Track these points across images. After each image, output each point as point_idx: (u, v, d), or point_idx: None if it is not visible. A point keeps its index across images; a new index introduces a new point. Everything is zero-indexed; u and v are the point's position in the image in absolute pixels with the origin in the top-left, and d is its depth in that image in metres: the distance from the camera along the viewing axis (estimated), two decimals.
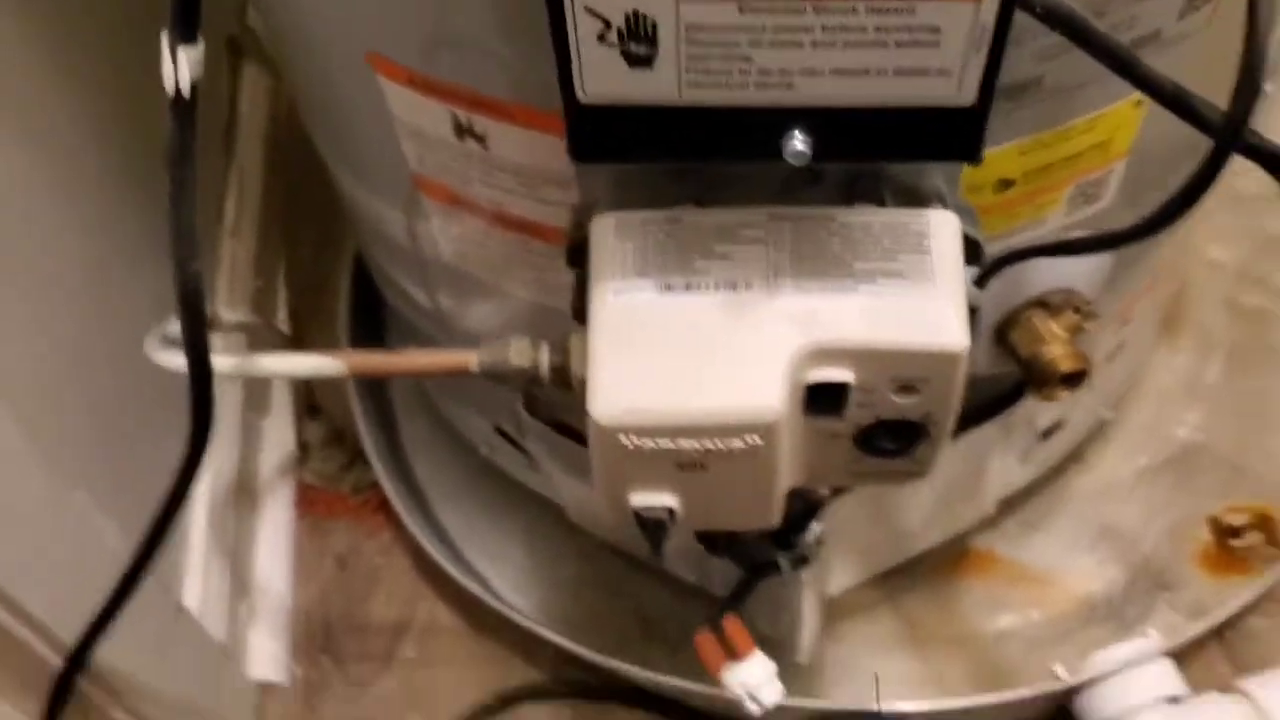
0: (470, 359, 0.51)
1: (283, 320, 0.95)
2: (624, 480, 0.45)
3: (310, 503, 0.88)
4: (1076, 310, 0.58)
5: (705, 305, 0.43)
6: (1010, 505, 0.82)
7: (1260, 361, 0.89)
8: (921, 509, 0.74)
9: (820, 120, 0.36)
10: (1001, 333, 0.59)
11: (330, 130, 0.64)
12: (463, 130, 0.51)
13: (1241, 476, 0.84)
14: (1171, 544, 0.82)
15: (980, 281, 0.53)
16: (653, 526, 0.47)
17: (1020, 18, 0.35)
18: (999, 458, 0.72)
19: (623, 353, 0.43)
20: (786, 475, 0.47)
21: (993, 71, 0.35)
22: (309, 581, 0.85)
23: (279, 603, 0.83)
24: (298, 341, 0.93)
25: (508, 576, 0.83)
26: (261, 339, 0.86)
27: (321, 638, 0.82)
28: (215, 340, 0.82)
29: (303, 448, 0.88)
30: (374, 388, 0.90)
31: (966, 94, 0.35)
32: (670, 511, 0.46)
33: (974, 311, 0.55)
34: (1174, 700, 0.71)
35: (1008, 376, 0.61)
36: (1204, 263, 0.93)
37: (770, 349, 0.43)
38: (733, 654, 0.56)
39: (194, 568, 0.75)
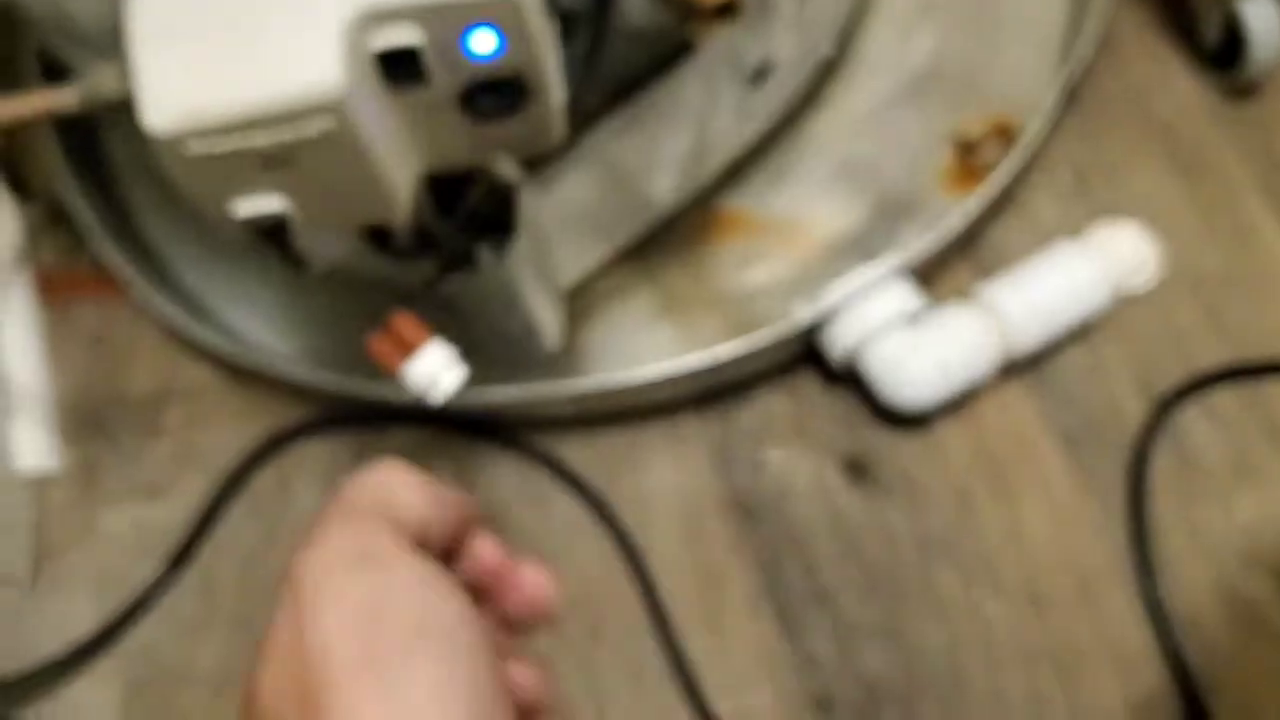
0: (69, 95, 0.48)
1: None
2: (216, 192, 0.43)
3: (51, 286, 0.84)
4: None
5: None
6: (752, 160, 0.81)
7: None
8: (650, 175, 0.73)
9: None
10: None
11: None
12: None
13: (977, 91, 0.83)
14: (913, 170, 0.81)
15: None
16: (270, 235, 0.45)
17: None
18: (712, 108, 0.70)
19: (165, 54, 0.40)
20: (394, 157, 0.45)
21: None
22: (65, 365, 0.82)
23: (37, 391, 0.81)
24: None
25: (262, 323, 0.81)
26: None
27: (88, 418, 0.81)
28: None
29: (31, 233, 0.84)
30: (87, 156, 0.85)
31: None
32: (281, 216, 0.44)
33: None
34: (914, 318, 0.72)
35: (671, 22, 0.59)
36: None
37: (322, 17, 0.40)
38: (408, 350, 0.55)
39: None
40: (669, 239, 0.80)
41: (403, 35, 0.40)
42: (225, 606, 0.75)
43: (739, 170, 0.80)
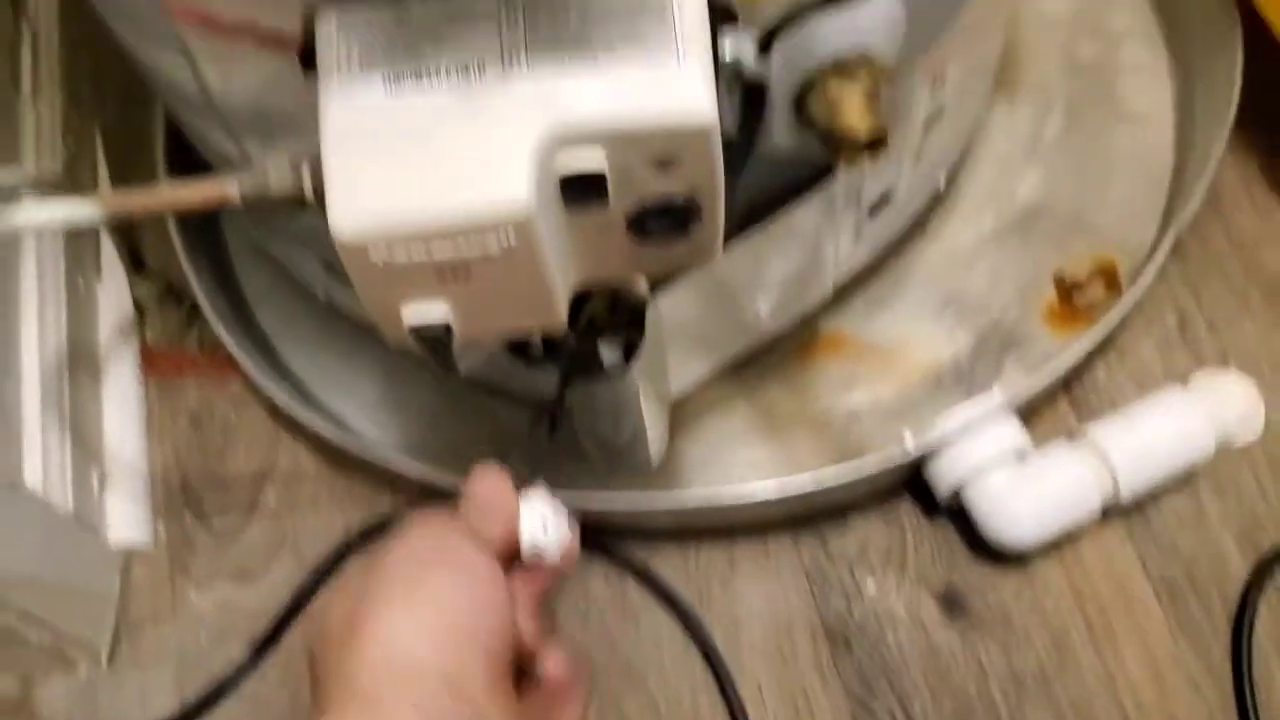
0: (230, 188, 0.49)
1: (103, 185, 0.91)
2: (389, 298, 0.44)
3: (156, 363, 0.85)
4: (872, 71, 0.56)
5: (438, 96, 0.41)
6: (857, 284, 0.82)
7: (1098, 112, 0.88)
8: (758, 297, 0.73)
9: None
10: (799, 104, 0.58)
11: None
12: None
13: (1082, 230, 0.84)
14: (1017, 304, 0.82)
15: (763, 49, 0.51)
16: (433, 342, 0.46)
17: None
18: (829, 237, 0.71)
19: (356, 160, 0.41)
20: (561, 272, 0.45)
21: None
22: (164, 442, 0.83)
23: (134, 466, 0.82)
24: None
25: (364, 413, 0.82)
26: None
27: (182, 495, 0.81)
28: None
29: (139, 308, 0.85)
30: (205, 238, 0.87)
31: None
32: (446, 325, 0.45)
33: (761, 85, 0.54)
34: (1021, 455, 0.72)
35: (817, 153, 0.59)
36: (1037, 17, 0.91)
37: (512, 138, 0.41)
38: None
39: (29, 443, 0.73)
40: (770, 356, 0.81)
41: (590, 159, 0.41)
42: (307, 697, 0.74)
43: (843, 293, 0.81)
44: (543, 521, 0.51)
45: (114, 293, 0.87)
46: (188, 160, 0.82)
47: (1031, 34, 0.90)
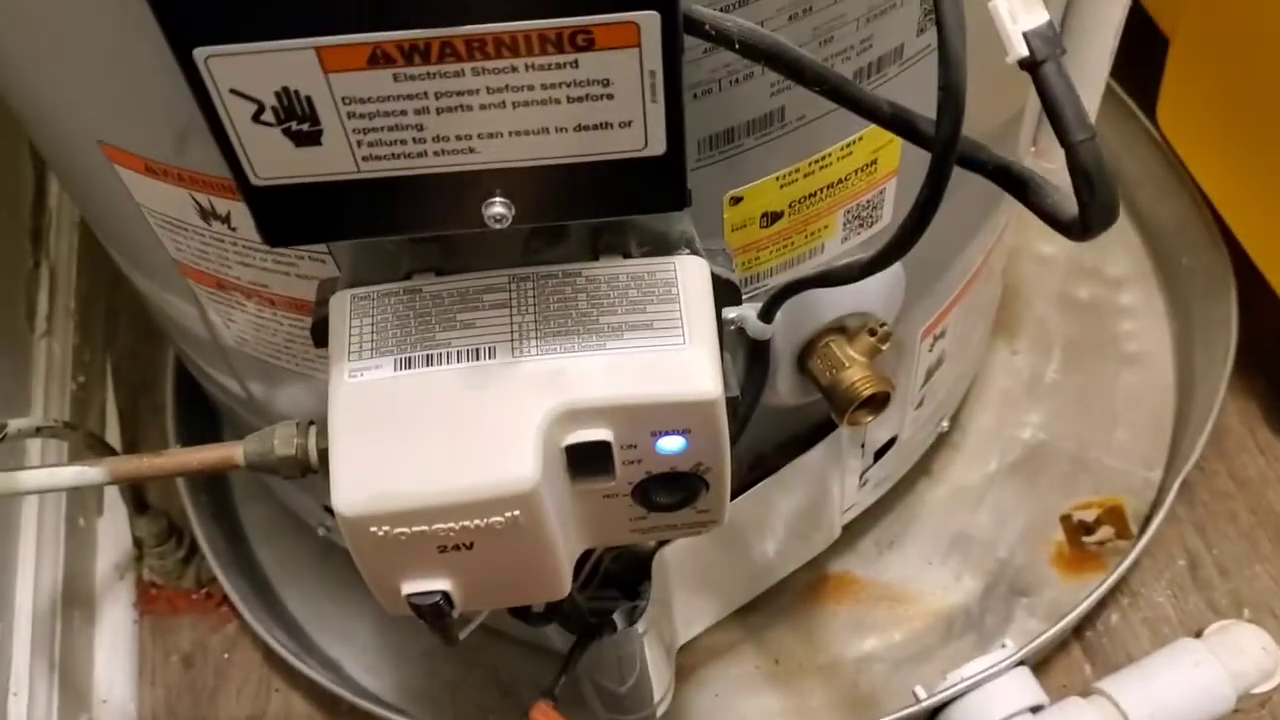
0: (236, 453, 0.49)
1: (111, 418, 0.92)
2: (388, 570, 0.43)
3: (152, 601, 0.84)
4: (872, 333, 0.57)
5: (447, 378, 0.41)
6: (864, 526, 0.81)
7: (1096, 354, 0.89)
8: (765, 542, 0.73)
9: (515, 182, 0.35)
10: (802, 362, 0.58)
11: (97, 221, 0.61)
12: (206, 214, 0.49)
13: (1087, 472, 0.84)
14: (1026, 548, 0.81)
15: (765, 316, 0.52)
16: (431, 613, 0.45)
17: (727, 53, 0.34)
18: (836, 482, 0.71)
19: (362, 438, 0.41)
20: (565, 542, 0.45)
21: (677, 117, 0.33)
22: (154, 684, 0.81)
23: (122, 711, 0.80)
24: (130, 443, 0.90)
25: (359, 658, 0.80)
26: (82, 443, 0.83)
27: None
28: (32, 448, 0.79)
29: (138, 545, 0.84)
30: (207, 478, 0.86)
31: (655, 144, 0.34)
32: (446, 596, 0.44)
33: (764, 346, 0.55)
34: (1035, 710, 0.70)
35: (822, 404, 0.60)
36: (1034, 260, 0.93)
37: (518, 417, 0.41)
38: None
39: (17, 689, 0.71)
40: (778, 598, 0.80)
41: (596, 433, 0.41)
42: None
43: (851, 533, 0.80)
44: None
45: (114, 529, 0.86)
46: (196, 395, 0.83)
47: (1028, 276, 0.92)
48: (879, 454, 0.72)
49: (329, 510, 0.73)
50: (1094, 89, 0.61)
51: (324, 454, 0.46)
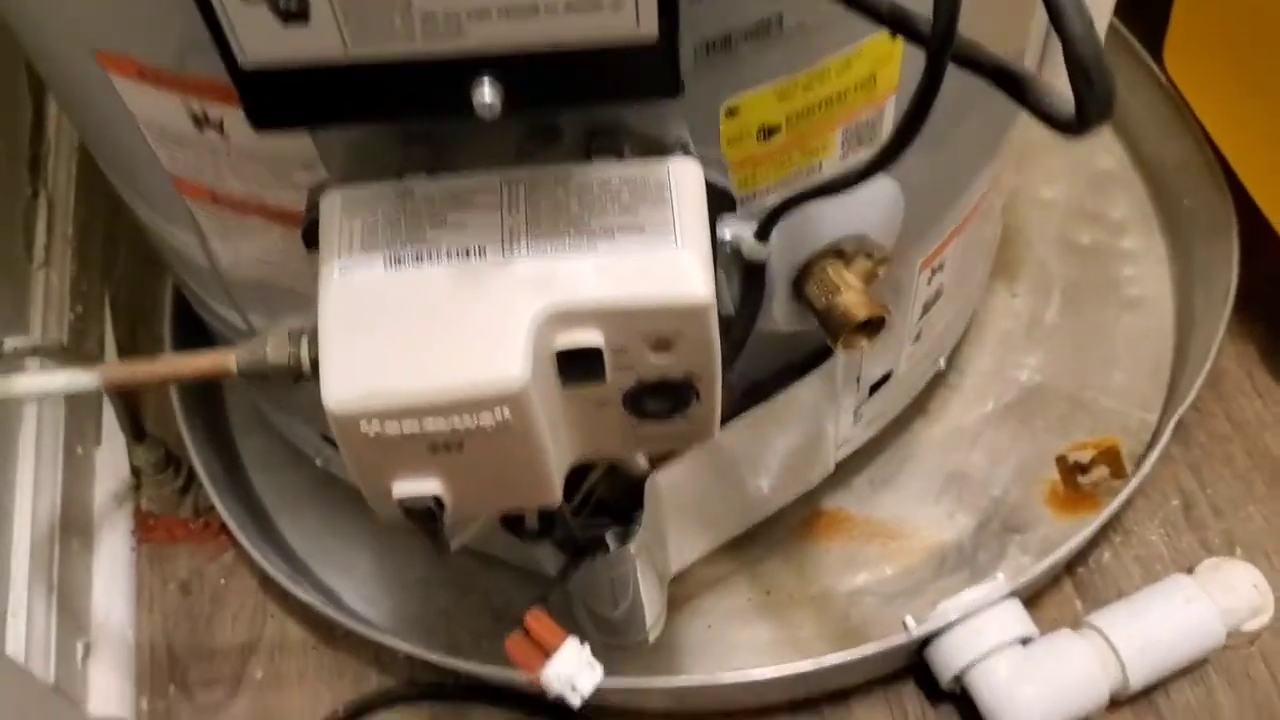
0: (229, 359, 0.49)
1: (110, 351, 0.92)
2: (380, 471, 0.43)
3: (149, 530, 0.84)
4: (869, 256, 0.57)
5: (437, 277, 0.41)
6: (858, 463, 0.81)
7: (1096, 297, 0.89)
8: (759, 473, 0.73)
9: (504, 67, 0.34)
10: (798, 286, 0.58)
11: (94, 142, 0.61)
12: (200, 120, 0.49)
13: (1084, 412, 0.84)
14: (1020, 487, 0.81)
15: (761, 235, 0.52)
16: (423, 516, 0.45)
17: None
18: (830, 415, 0.71)
19: (353, 336, 0.41)
20: (557, 449, 0.45)
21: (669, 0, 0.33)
22: (152, 611, 0.82)
23: (120, 636, 0.80)
24: None
25: (356, 586, 0.81)
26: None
27: (168, 667, 0.79)
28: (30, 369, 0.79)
29: (136, 474, 0.85)
30: (205, 407, 0.87)
31: (646, 28, 0.34)
32: (437, 499, 0.44)
33: (760, 269, 0.55)
34: (1024, 641, 0.71)
35: (817, 332, 0.60)
36: (1036, 203, 0.93)
37: (508, 316, 0.41)
38: (545, 650, 0.54)
39: (15, 610, 0.72)
40: (772, 532, 0.80)
41: (586, 336, 0.41)
42: None
43: (846, 470, 0.80)
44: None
45: (112, 459, 0.87)
46: (194, 325, 0.83)
47: (1029, 218, 0.92)
48: (874, 388, 0.72)
49: (327, 440, 0.74)
50: (1098, 25, 0.61)
51: (316, 362, 0.47)
